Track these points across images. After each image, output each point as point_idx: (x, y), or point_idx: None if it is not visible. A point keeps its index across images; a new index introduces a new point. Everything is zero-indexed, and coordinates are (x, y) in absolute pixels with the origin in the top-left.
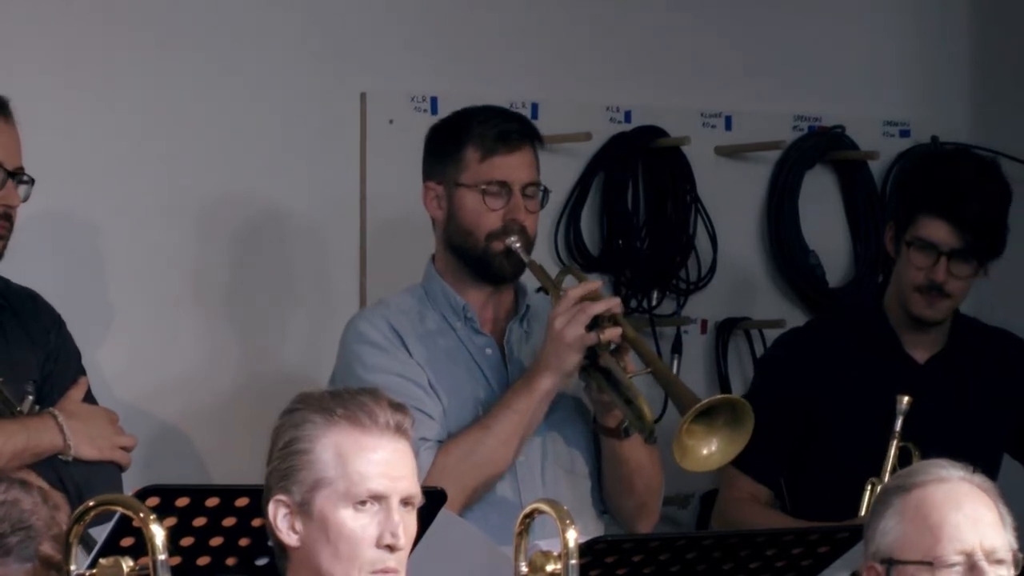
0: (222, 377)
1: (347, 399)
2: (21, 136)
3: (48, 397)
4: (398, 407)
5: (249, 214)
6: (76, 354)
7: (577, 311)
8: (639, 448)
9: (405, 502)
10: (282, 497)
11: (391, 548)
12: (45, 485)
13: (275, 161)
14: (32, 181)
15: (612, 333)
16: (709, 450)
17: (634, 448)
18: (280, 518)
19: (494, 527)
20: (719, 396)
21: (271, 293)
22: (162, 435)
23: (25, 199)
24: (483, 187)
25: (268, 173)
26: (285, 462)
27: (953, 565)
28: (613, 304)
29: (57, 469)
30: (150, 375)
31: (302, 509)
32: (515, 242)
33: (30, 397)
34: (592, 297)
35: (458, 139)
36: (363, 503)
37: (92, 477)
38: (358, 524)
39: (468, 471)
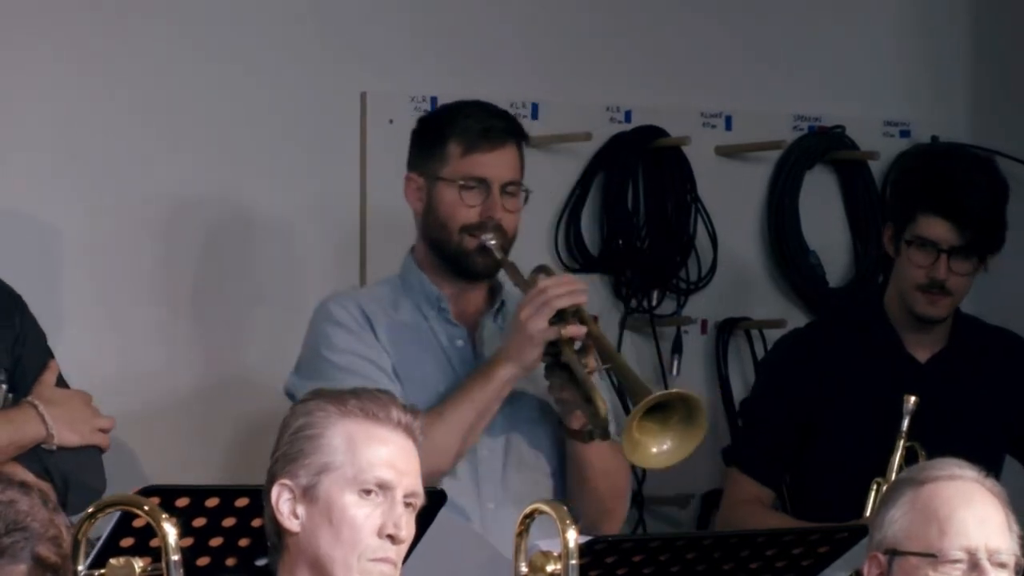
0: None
1: (361, 394)
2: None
3: (20, 383)
4: (410, 409)
5: (249, 214)
6: (42, 335)
7: (542, 303)
8: (604, 452)
9: (408, 500)
10: (287, 481)
11: (392, 539)
12: (30, 477)
13: (275, 161)
14: None
15: (574, 330)
16: (660, 448)
17: (599, 452)
18: (282, 501)
19: None
20: (671, 391)
21: (270, 293)
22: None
23: None
24: (461, 182)
25: (268, 173)
26: (294, 447)
27: (956, 561)
28: (579, 299)
29: (41, 459)
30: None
31: (306, 493)
32: (490, 239)
33: (3, 386)
34: (563, 290)
35: (442, 132)
36: (368, 492)
37: (77, 464)
38: (362, 511)
39: None
